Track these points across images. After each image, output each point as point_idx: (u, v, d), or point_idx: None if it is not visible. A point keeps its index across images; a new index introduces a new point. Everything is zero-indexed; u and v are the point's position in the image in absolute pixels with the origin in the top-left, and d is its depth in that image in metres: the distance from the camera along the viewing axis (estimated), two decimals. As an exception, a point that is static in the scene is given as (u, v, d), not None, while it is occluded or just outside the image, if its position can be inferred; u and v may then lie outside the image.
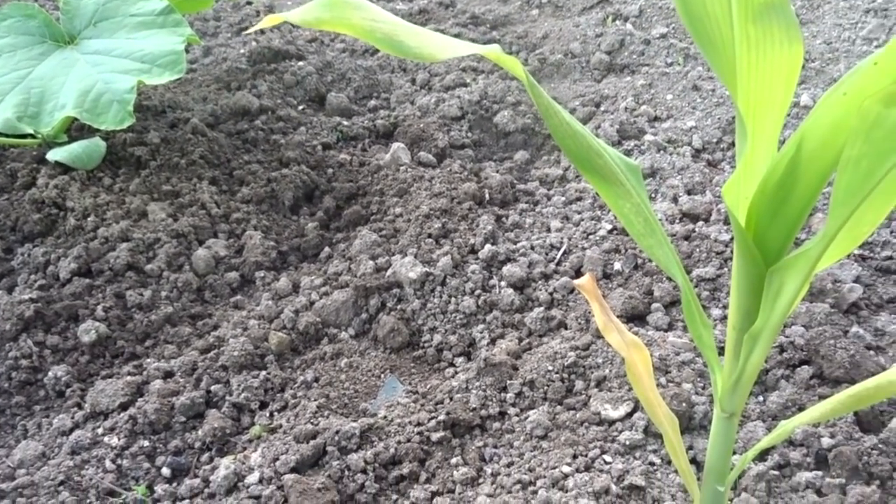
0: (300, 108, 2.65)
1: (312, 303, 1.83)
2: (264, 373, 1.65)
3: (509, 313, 1.78)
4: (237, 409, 1.59)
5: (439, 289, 1.82)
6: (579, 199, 2.14)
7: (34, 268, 1.89)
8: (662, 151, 2.26)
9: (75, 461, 1.47)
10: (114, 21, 2.22)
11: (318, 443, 1.45)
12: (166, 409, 1.56)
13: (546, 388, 1.55)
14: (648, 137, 2.33)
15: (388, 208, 2.12)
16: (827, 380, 1.50)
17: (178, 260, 1.94)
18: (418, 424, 1.50)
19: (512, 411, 1.54)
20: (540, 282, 1.84)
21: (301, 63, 2.81)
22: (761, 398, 1.50)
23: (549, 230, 2.03)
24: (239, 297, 1.91)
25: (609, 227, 1.97)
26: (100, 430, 1.54)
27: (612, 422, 1.45)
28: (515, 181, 2.28)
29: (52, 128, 2.04)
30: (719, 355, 1.02)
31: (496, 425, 1.52)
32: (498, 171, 2.31)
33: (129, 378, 1.63)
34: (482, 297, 1.80)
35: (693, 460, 1.38)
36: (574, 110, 2.56)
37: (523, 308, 1.79)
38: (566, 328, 1.72)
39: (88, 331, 1.72)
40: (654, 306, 1.73)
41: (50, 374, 1.65)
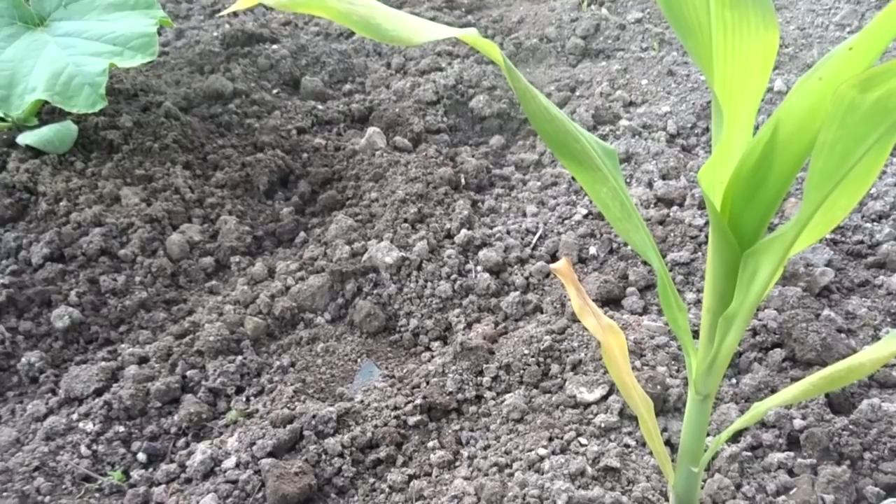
0: (274, 91, 2.63)
1: (288, 288, 1.82)
2: (240, 358, 1.65)
3: (485, 298, 1.78)
4: (213, 395, 1.59)
5: (415, 273, 1.82)
6: (555, 183, 2.14)
7: (6, 253, 1.86)
8: (637, 136, 2.27)
9: (50, 447, 1.46)
10: (84, 3, 2.18)
11: (294, 427, 1.45)
12: (141, 395, 1.55)
13: (522, 371, 1.56)
14: (623, 122, 2.34)
15: (364, 193, 2.12)
16: (799, 362, 1.52)
17: (152, 245, 1.92)
18: (395, 408, 1.51)
19: (488, 395, 1.54)
20: (516, 266, 1.85)
21: (275, 46, 2.78)
22: (735, 381, 1.51)
23: (524, 215, 2.04)
24: (214, 282, 1.90)
25: (584, 211, 1.98)
26: (74, 416, 1.53)
27: (588, 405, 1.47)
28: (491, 166, 2.28)
29: (23, 111, 2.00)
30: (694, 338, 1.03)
31: (472, 409, 1.52)
32: (474, 156, 2.30)
33: (103, 364, 1.62)
34: (458, 282, 1.80)
35: (668, 442, 1.39)
36: (549, 95, 2.56)
37: (499, 292, 1.80)
38: (542, 312, 1.73)
39: (62, 316, 1.70)
40: (630, 290, 1.74)
41: (23, 360, 1.64)
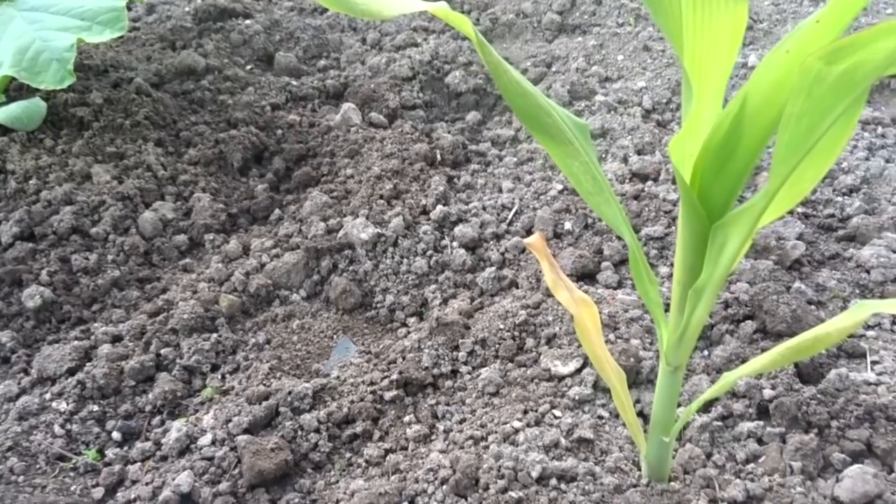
0: (248, 67, 2.60)
1: (263, 265, 1.81)
2: (215, 335, 1.64)
3: (461, 273, 1.79)
4: (188, 372, 1.58)
5: (391, 250, 1.82)
6: (531, 159, 2.15)
7: (-26, 232, 1.84)
8: (613, 112, 2.27)
9: (23, 427, 1.45)
10: (51, -24, 2.14)
11: (270, 404, 1.45)
12: (115, 374, 1.54)
13: (497, 346, 1.57)
14: (599, 98, 2.34)
15: (339, 169, 2.11)
16: (770, 334, 1.54)
17: (125, 223, 1.91)
18: (371, 384, 1.51)
19: (464, 369, 1.55)
20: (491, 242, 1.85)
21: (248, 21, 2.75)
22: (706, 352, 1.53)
23: (500, 191, 2.04)
24: (188, 259, 1.89)
25: (560, 187, 1.99)
26: (47, 396, 1.52)
27: (562, 378, 1.48)
28: (467, 142, 2.28)
29: (-11, 87, 1.98)
30: (666, 311, 1.04)
31: (448, 383, 1.53)
32: (449, 132, 2.30)
33: (76, 343, 1.61)
34: (434, 258, 1.80)
35: (640, 413, 1.41)
36: (525, 71, 2.56)
37: (475, 268, 1.81)
38: (517, 287, 1.74)
39: (33, 296, 1.69)
40: (604, 265, 1.76)
41: (-6, 339, 1.62)
